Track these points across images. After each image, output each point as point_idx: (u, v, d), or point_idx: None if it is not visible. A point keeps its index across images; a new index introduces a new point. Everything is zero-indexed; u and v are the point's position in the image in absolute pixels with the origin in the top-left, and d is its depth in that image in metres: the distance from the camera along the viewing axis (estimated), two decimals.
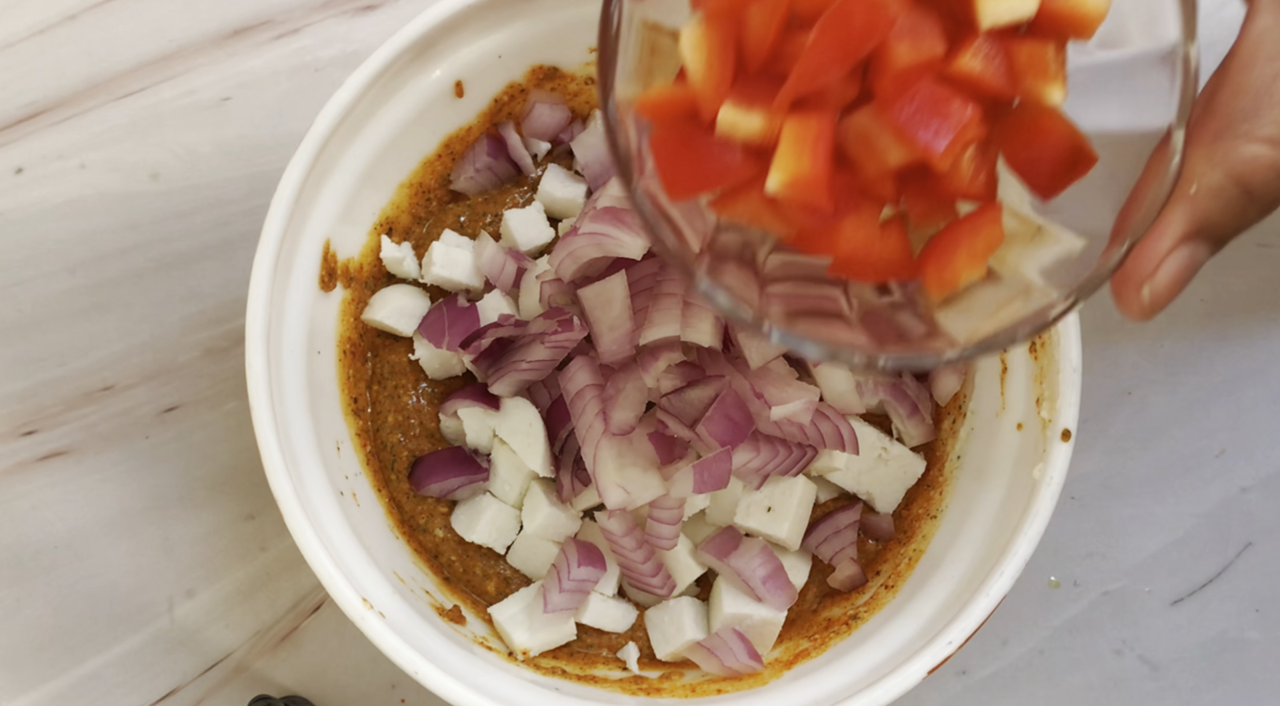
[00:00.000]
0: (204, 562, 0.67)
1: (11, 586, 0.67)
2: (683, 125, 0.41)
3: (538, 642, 0.61)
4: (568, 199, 0.65)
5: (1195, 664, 0.69)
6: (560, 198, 0.65)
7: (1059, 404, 0.56)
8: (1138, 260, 0.39)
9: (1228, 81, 0.38)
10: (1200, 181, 0.38)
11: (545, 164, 0.67)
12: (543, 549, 0.63)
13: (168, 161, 0.71)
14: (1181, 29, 0.39)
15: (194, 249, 0.70)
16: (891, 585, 0.62)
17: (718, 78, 0.39)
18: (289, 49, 0.72)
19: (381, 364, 0.65)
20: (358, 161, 0.61)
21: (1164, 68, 0.39)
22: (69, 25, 0.72)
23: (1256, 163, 0.37)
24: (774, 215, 0.41)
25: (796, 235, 0.43)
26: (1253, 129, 0.38)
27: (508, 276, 0.64)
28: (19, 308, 0.69)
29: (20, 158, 0.71)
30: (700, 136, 0.40)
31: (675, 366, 0.60)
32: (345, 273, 0.63)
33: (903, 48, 0.38)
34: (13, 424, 0.68)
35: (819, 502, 0.65)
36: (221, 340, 0.69)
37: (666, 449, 0.59)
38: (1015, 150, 0.42)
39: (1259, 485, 0.70)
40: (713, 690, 0.60)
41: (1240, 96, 0.38)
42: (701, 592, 0.64)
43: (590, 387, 0.60)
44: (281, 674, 0.67)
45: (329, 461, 0.59)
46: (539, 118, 0.66)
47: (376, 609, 0.55)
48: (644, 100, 0.42)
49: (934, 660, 0.54)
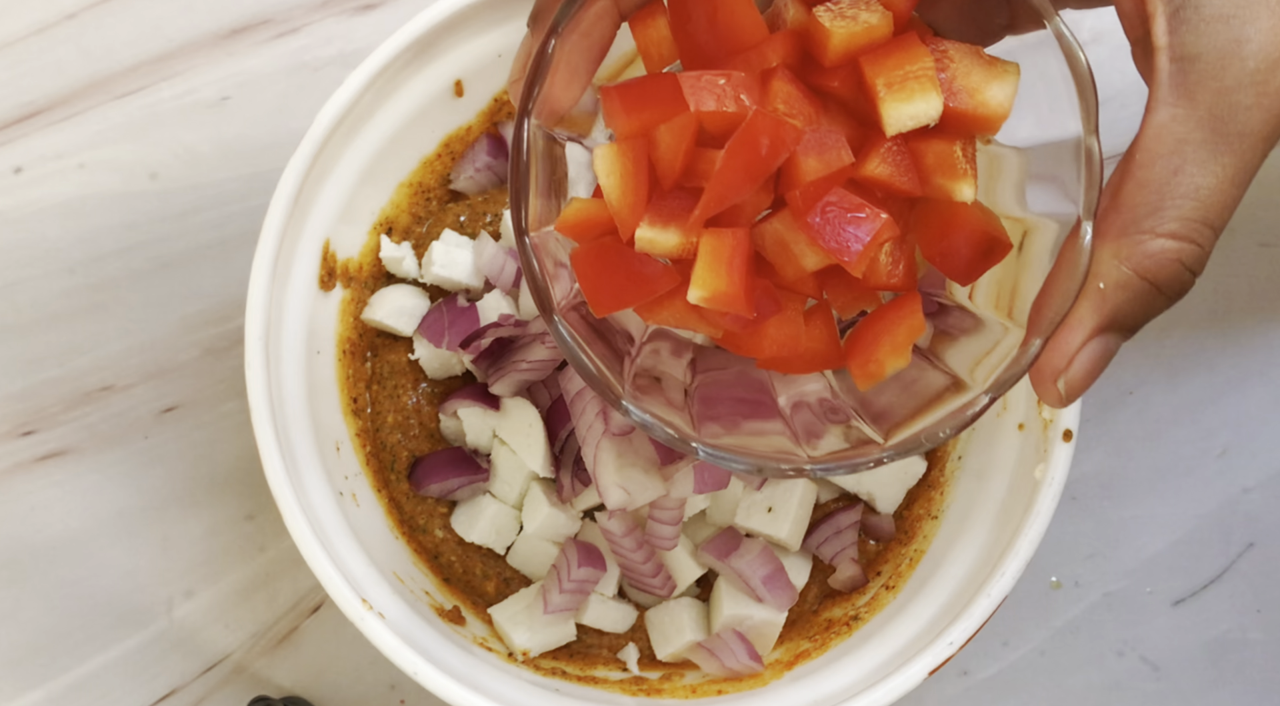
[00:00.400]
0: (203, 563, 0.67)
1: (10, 586, 0.67)
2: (602, 241, 0.41)
3: (538, 643, 0.61)
4: None
5: (1197, 664, 0.68)
6: None
7: None
8: (1052, 354, 0.41)
9: (1130, 176, 0.40)
10: (1108, 278, 0.40)
11: None
12: (543, 549, 0.63)
13: (167, 161, 0.71)
14: (1082, 122, 0.39)
15: (193, 248, 0.70)
16: (892, 586, 0.62)
17: (633, 198, 0.40)
18: (288, 48, 0.72)
19: (381, 364, 0.65)
20: (357, 161, 0.61)
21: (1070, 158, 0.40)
22: (68, 24, 0.72)
23: (1162, 257, 0.39)
24: (700, 320, 0.42)
25: (723, 337, 0.44)
26: (1156, 225, 0.39)
27: (508, 276, 0.64)
28: (18, 307, 0.69)
29: (19, 157, 0.70)
30: (621, 251, 0.41)
31: None
32: (345, 272, 0.62)
33: (810, 162, 0.39)
34: (12, 424, 0.68)
35: (819, 503, 0.64)
36: (221, 340, 0.69)
37: (667, 449, 0.59)
38: (930, 241, 0.43)
39: (1261, 485, 0.70)
40: (713, 691, 0.60)
41: (1143, 191, 0.39)
42: (702, 593, 0.64)
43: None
44: (281, 674, 0.67)
45: (328, 462, 0.59)
46: None
47: (376, 609, 0.54)
48: (562, 221, 0.42)
49: (935, 661, 0.54)
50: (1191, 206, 0.38)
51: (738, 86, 0.39)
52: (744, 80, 0.39)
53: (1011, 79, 0.40)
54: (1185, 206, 0.38)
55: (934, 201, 0.41)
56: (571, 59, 0.41)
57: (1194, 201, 0.38)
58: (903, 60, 0.39)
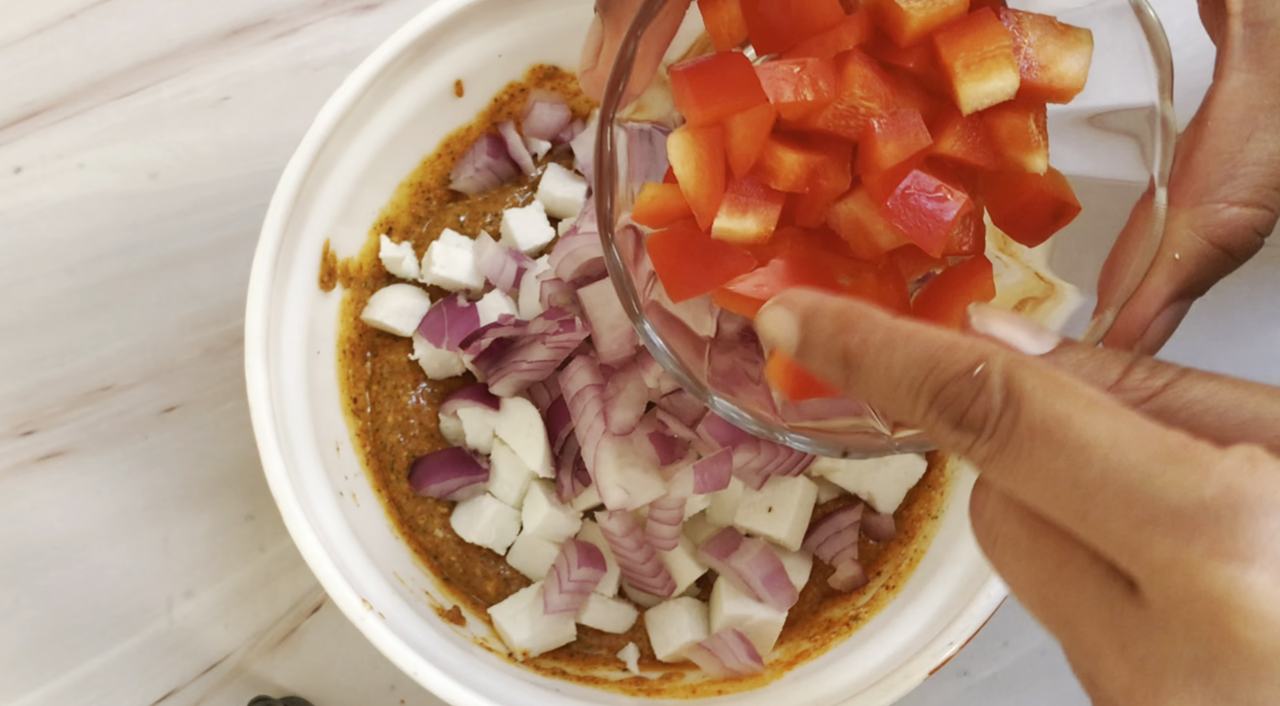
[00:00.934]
0: (203, 563, 0.67)
1: (10, 587, 0.67)
2: (678, 228, 0.41)
3: (538, 643, 0.61)
4: (568, 198, 0.65)
5: None
6: (560, 197, 0.65)
7: None
8: (1128, 322, 0.41)
9: (1202, 144, 0.40)
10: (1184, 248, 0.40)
11: (545, 163, 0.67)
12: (543, 549, 0.63)
13: (167, 161, 0.71)
14: (1157, 88, 0.39)
15: (193, 248, 0.70)
16: (892, 586, 0.62)
17: (710, 187, 0.39)
18: (288, 48, 0.72)
19: (381, 364, 0.65)
20: (357, 161, 0.61)
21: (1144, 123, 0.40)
22: (68, 24, 0.72)
23: (1236, 224, 0.40)
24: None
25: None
26: (1230, 193, 0.40)
27: (508, 276, 0.64)
28: (17, 307, 0.69)
29: (19, 157, 0.70)
30: (699, 237, 0.40)
31: None
32: (345, 272, 0.62)
33: (889, 147, 0.38)
34: (11, 424, 0.68)
35: (820, 503, 0.64)
36: (221, 340, 0.69)
37: (667, 449, 0.59)
38: (999, 207, 0.42)
39: None
40: (713, 691, 0.60)
41: (1216, 159, 0.40)
42: (702, 593, 0.64)
43: (590, 388, 0.60)
44: (280, 675, 0.67)
45: (328, 462, 0.59)
46: (539, 117, 0.66)
47: (376, 609, 0.54)
48: (638, 210, 0.41)
49: (935, 661, 0.54)
50: (1264, 173, 0.39)
51: (814, 74, 0.38)
52: (819, 67, 0.39)
53: (1086, 49, 0.39)
54: (1257, 173, 0.39)
55: (1004, 173, 0.41)
56: (644, 48, 0.40)
57: (1266, 168, 0.39)
58: (980, 40, 0.38)
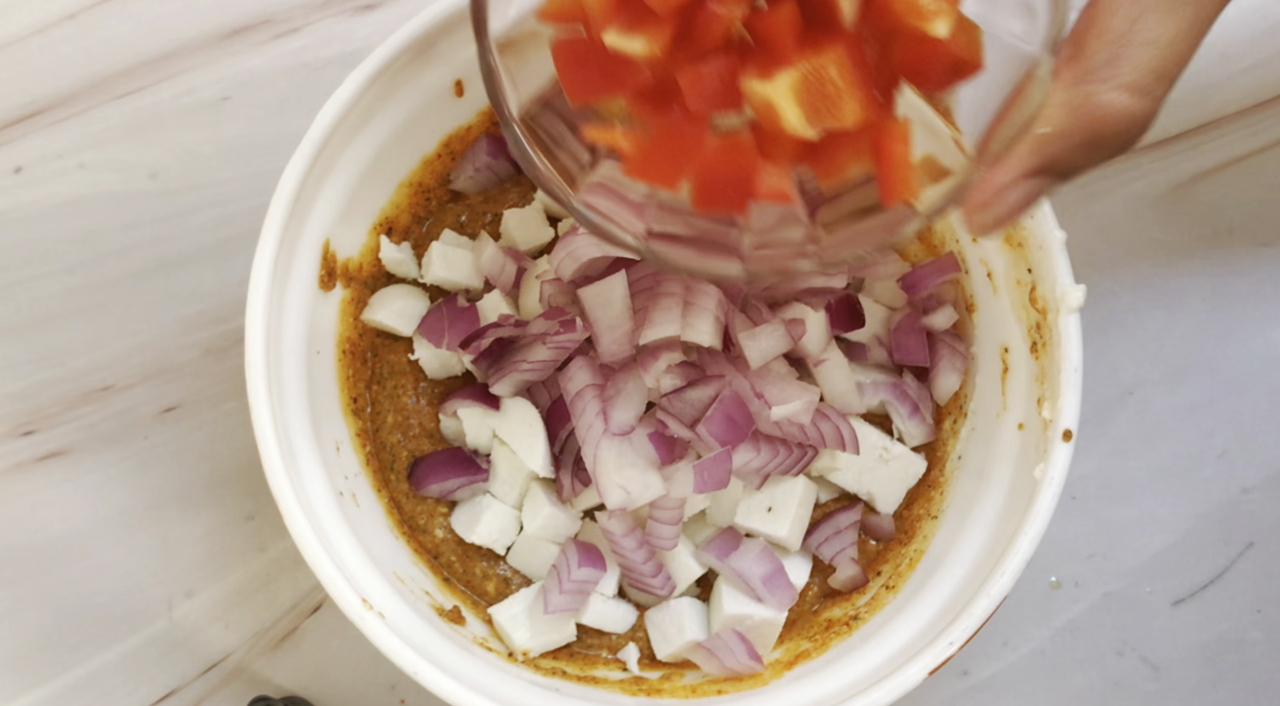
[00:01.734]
0: (203, 563, 0.67)
1: (10, 586, 0.67)
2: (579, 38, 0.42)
3: (538, 643, 0.61)
4: None
5: (1196, 665, 0.68)
6: None
7: (1060, 404, 0.56)
8: (983, 187, 0.41)
9: (1093, 24, 0.40)
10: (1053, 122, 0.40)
11: None
12: (543, 549, 0.63)
13: (167, 161, 0.71)
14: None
15: (193, 248, 0.70)
16: (892, 585, 0.62)
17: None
18: (288, 48, 0.72)
19: (381, 364, 0.65)
20: (357, 161, 0.61)
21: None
22: (68, 24, 0.72)
23: (1111, 108, 0.39)
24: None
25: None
26: (1113, 74, 0.39)
27: (508, 276, 0.64)
28: (18, 307, 0.69)
29: (19, 157, 0.70)
30: (596, 46, 0.41)
31: (675, 366, 0.60)
32: (345, 272, 0.62)
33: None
34: (12, 424, 0.68)
35: (820, 503, 0.64)
36: (221, 340, 0.69)
37: (667, 449, 0.59)
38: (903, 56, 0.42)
39: (1260, 485, 0.70)
40: (713, 691, 0.60)
41: (1103, 38, 0.39)
42: (702, 593, 0.64)
43: (590, 387, 0.60)
44: (281, 674, 0.67)
45: (328, 462, 0.59)
46: None
47: (376, 609, 0.54)
48: (545, 7, 0.42)
49: (935, 661, 0.54)
50: (1150, 55, 0.39)
51: None
52: None
53: None
54: (1143, 55, 0.39)
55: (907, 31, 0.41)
56: None
57: (1153, 49, 0.39)
58: None
